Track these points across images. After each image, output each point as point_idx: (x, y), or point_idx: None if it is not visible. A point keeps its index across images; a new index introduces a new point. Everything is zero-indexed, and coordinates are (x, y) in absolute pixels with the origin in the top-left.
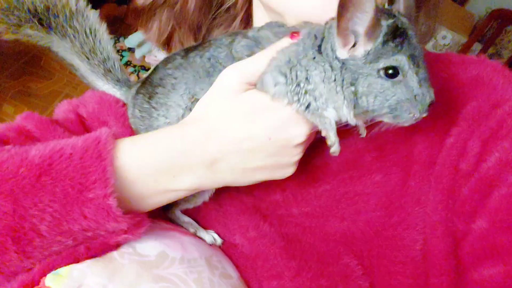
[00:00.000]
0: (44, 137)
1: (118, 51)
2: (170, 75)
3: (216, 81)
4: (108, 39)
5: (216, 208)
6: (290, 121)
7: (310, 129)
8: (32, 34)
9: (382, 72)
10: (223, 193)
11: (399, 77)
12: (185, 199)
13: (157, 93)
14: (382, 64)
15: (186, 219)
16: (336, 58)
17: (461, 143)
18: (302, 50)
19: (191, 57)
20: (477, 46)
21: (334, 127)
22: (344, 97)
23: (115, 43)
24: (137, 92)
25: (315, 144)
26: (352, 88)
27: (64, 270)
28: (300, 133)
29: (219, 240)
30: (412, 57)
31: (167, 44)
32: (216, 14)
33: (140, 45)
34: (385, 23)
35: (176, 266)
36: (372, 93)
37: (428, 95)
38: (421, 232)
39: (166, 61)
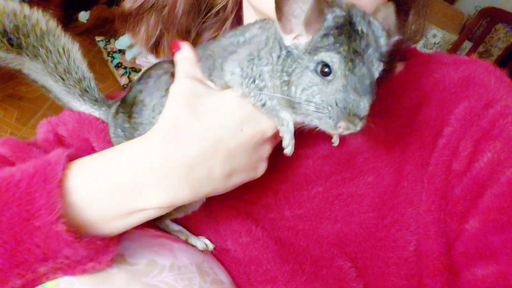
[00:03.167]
0: (20, 160)
1: (109, 53)
2: (139, 90)
3: (169, 93)
4: (81, 58)
5: (207, 215)
6: (258, 113)
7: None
8: (2, 56)
9: (319, 67)
10: (213, 199)
11: (330, 77)
12: (175, 209)
13: (133, 112)
14: (316, 57)
15: (176, 227)
16: (282, 45)
17: (453, 143)
18: (265, 39)
19: (159, 66)
20: (467, 44)
21: (291, 129)
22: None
23: (105, 44)
24: (117, 112)
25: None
26: (286, 78)
27: (51, 282)
28: (270, 125)
29: (211, 246)
30: (350, 60)
31: (155, 48)
32: (205, 17)
33: (131, 46)
34: (331, 16)
35: (165, 273)
36: (301, 85)
37: (352, 104)
38: (414, 233)
39: (140, 76)
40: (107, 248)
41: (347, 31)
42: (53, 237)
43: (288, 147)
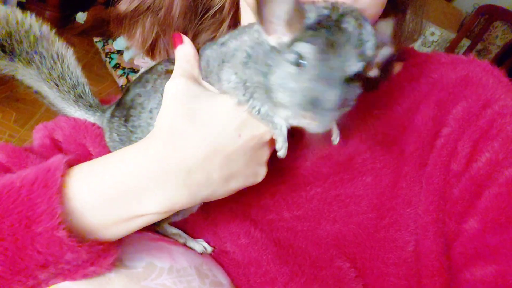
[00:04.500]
0: (17, 166)
1: (107, 53)
2: (138, 94)
3: (164, 92)
4: (76, 63)
5: (204, 217)
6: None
7: None
8: None
9: (294, 58)
10: (210, 202)
11: (303, 67)
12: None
13: (131, 115)
14: (292, 47)
15: (174, 230)
16: (268, 45)
17: (451, 144)
18: (257, 40)
19: (155, 69)
20: (465, 42)
21: (284, 133)
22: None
23: (103, 45)
24: (112, 115)
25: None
26: (266, 69)
27: None
28: (267, 130)
29: (209, 249)
30: (325, 52)
31: (151, 51)
32: (202, 19)
33: (128, 47)
34: (313, 15)
35: (164, 276)
36: (276, 73)
37: (318, 94)
38: (413, 233)
39: (137, 80)
40: (108, 252)
41: (328, 27)
42: (54, 242)
43: (281, 150)
